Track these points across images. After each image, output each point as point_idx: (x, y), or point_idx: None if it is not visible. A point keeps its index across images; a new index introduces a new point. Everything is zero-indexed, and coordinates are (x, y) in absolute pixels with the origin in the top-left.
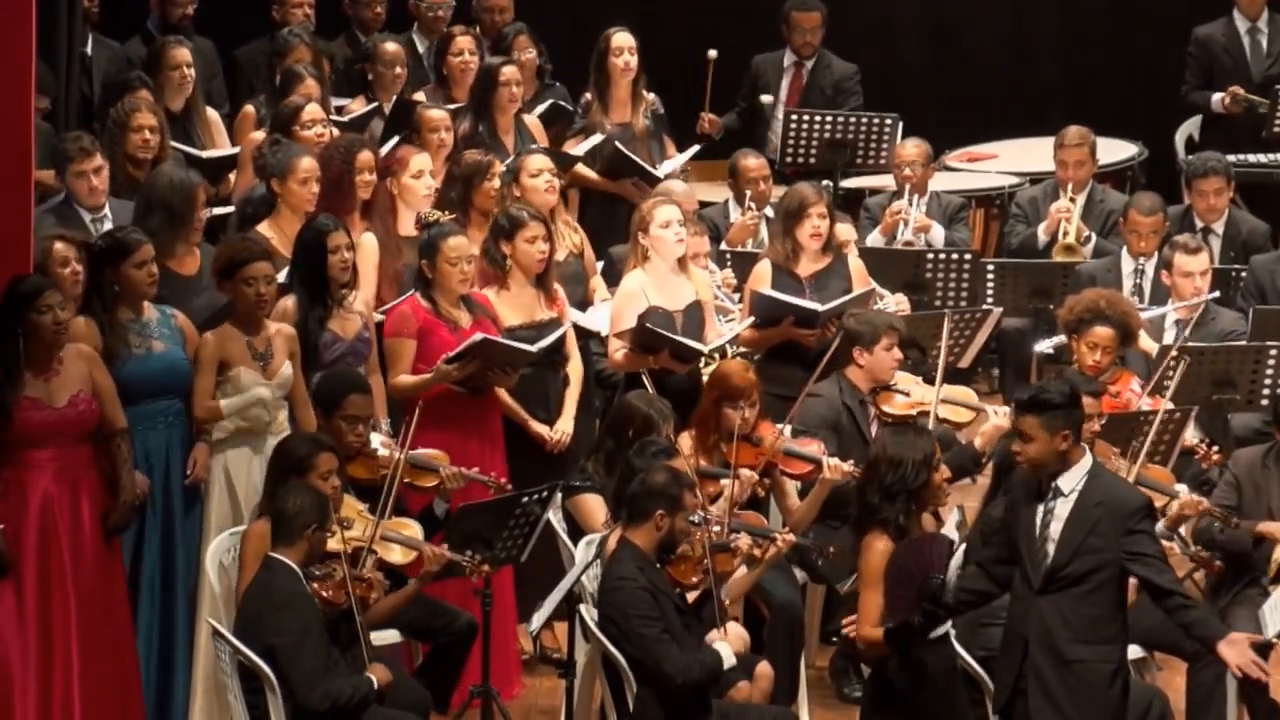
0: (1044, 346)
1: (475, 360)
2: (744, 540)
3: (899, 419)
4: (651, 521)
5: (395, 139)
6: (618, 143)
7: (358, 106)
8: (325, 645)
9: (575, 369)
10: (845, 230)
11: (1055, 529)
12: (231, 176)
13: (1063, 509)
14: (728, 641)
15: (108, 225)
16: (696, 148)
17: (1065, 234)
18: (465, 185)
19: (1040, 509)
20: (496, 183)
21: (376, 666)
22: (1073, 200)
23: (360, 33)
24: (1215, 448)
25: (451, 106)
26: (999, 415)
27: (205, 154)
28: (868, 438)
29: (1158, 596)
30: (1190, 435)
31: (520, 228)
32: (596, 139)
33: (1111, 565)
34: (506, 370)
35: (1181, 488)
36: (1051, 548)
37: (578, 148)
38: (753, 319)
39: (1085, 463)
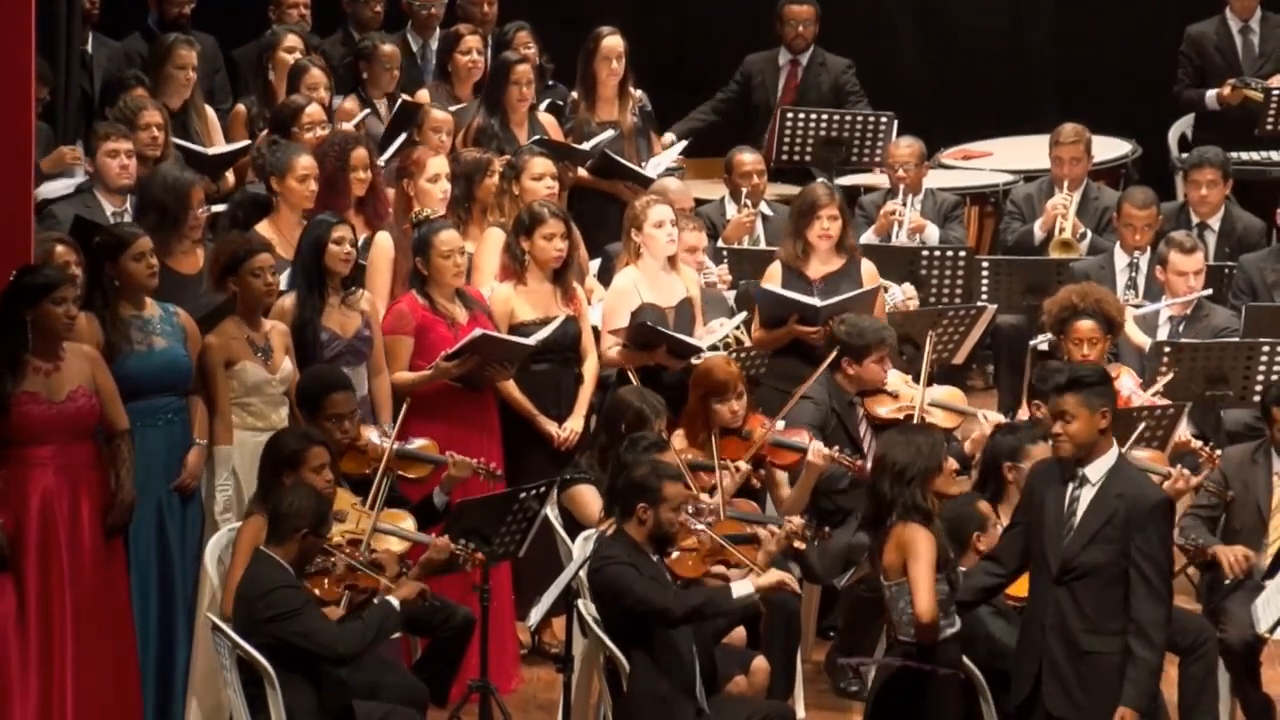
0: (1039, 342)
1: (474, 356)
2: (767, 534)
3: (887, 422)
4: (635, 516)
5: (399, 139)
6: (607, 150)
7: (350, 105)
8: (322, 615)
9: (590, 368)
10: None
11: (1078, 518)
12: (229, 174)
13: (1086, 497)
14: (751, 580)
15: (128, 219)
16: (684, 143)
17: (1061, 230)
18: (467, 182)
19: (1065, 497)
20: (498, 179)
21: (404, 584)
22: (1069, 196)
23: (356, 31)
24: (1216, 450)
25: (455, 107)
26: (988, 421)
27: (211, 150)
28: (856, 439)
29: (1120, 614)
30: (1184, 431)
31: (539, 224)
32: (608, 135)
33: (1125, 558)
34: (505, 365)
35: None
36: (1071, 536)
37: (585, 145)
38: (744, 315)
39: (1112, 454)
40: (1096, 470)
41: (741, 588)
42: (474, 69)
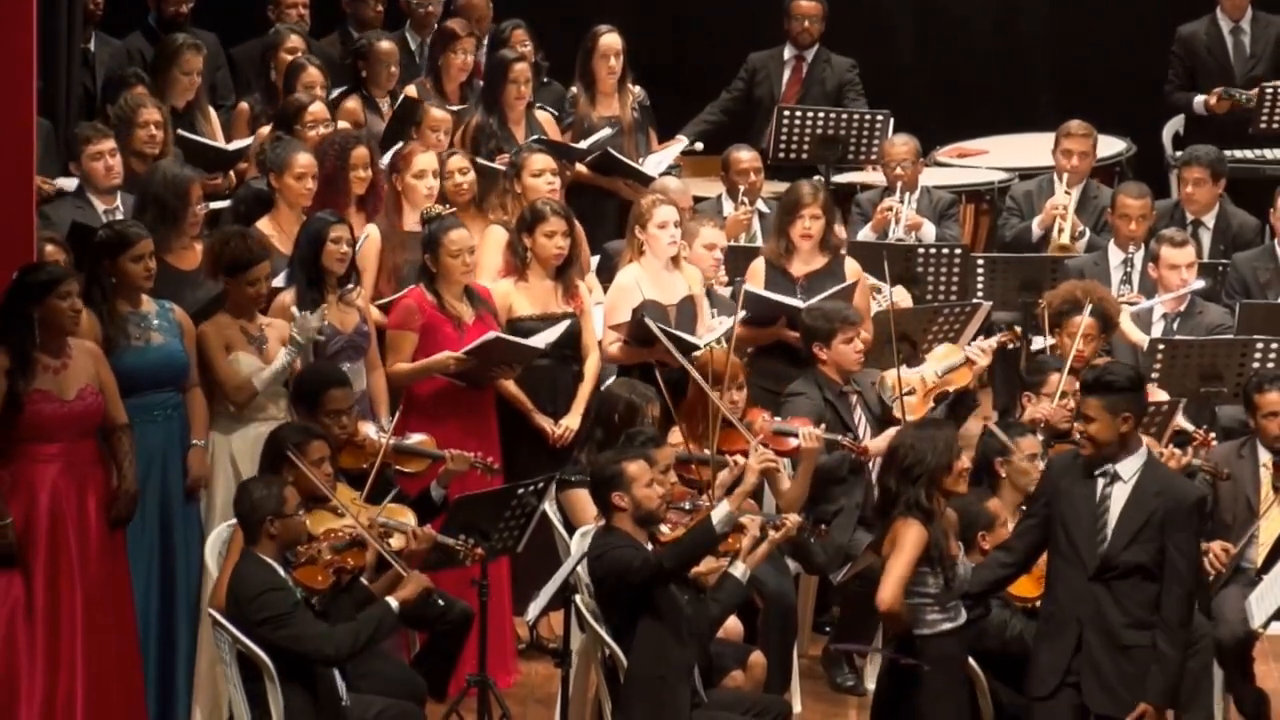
0: (1037, 344)
1: (478, 357)
2: (751, 521)
3: (922, 418)
4: (615, 508)
5: (399, 138)
6: (610, 148)
7: (352, 104)
8: (313, 617)
9: (591, 365)
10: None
11: (1112, 515)
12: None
13: (1120, 495)
14: (728, 500)
15: (120, 217)
16: (685, 143)
17: (1060, 232)
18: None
19: (1095, 494)
20: (460, 177)
21: (408, 582)
22: (1068, 193)
23: (355, 30)
24: (1211, 434)
25: (455, 108)
26: (982, 352)
27: (232, 146)
28: (852, 428)
29: (1158, 608)
30: (1180, 423)
31: (540, 221)
32: (607, 132)
33: (1164, 555)
34: (511, 365)
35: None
36: (1109, 534)
37: (584, 143)
38: (743, 314)
39: (1143, 451)
40: (1128, 468)
41: (719, 510)
42: (466, 70)
